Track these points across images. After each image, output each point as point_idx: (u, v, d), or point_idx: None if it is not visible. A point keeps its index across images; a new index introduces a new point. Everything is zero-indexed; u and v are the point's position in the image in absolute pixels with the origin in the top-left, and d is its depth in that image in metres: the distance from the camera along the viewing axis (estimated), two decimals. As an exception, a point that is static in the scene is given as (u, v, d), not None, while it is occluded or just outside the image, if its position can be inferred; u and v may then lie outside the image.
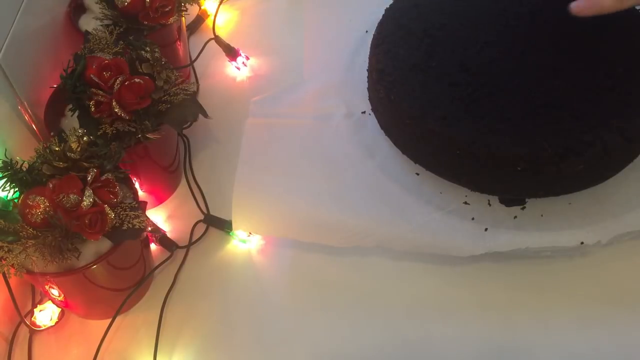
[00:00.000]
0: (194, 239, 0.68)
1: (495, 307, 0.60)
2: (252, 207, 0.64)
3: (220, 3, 0.90)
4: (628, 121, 0.55)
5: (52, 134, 0.63)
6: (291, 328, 0.61)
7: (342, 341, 0.60)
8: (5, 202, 0.55)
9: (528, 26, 0.62)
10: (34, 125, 0.67)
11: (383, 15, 0.68)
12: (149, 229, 0.65)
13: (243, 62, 0.84)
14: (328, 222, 0.62)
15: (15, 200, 0.55)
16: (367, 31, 0.77)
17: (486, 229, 0.59)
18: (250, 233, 0.67)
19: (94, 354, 0.60)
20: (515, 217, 0.60)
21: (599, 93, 0.56)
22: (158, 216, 0.71)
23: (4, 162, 0.55)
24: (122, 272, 0.60)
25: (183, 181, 0.74)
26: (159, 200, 0.72)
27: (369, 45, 0.68)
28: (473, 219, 0.60)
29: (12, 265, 0.53)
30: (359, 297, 0.62)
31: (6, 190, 0.55)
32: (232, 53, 0.83)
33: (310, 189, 0.64)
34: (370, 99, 0.69)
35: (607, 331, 0.57)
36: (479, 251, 0.58)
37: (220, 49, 0.84)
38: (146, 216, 0.58)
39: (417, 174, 0.64)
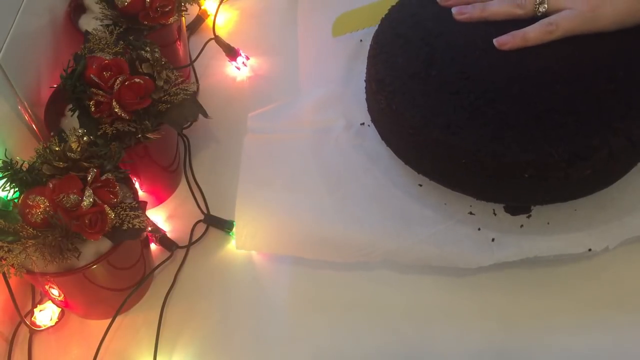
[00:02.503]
0: (194, 239, 0.68)
1: (498, 313, 0.60)
2: (255, 226, 0.63)
3: (220, 3, 0.90)
4: (633, 123, 0.55)
5: (52, 134, 0.63)
6: (291, 328, 0.61)
7: (342, 341, 0.60)
8: (5, 202, 0.55)
9: None
10: (34, 125, 0.67)
11: (379, 25, 0.68)
12: (149, 229, 0.65)
13: (243, 62, 0.84)
14: (332, 238, 0.61)
15: (15, 200, 0.55)
16: (361, 40, 0.77)
17: (493, 239, 0.59)
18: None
19: (94, 354, 0.60)
20: (522, 225, 0.59)
21: (601, 96, 0.56)
22: (158, 216, 0.71)
23: (4, 162, 0.55)
24: (122, 272, 0.60)
25: (183, 181, 0.74)
26: (159, 200, 0.72)
27: (365, 56, 0.67)
28: (479, 229, 0.59)
29: (12, 265, 0.53)
30: (359, 297, 0.62)
31: (6, 190, 0.55)
32: (232, 53, 0.84)
33: (313, 204, 0.63)
34: (369, 109, 0.68)
35: (610, 335, 0.57)
36: (487, 262, 0.58)
37: (220, 49, 0.84)
38: (146, 216, 0.58)
39: (420, 185, 0.63)
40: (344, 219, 0.62)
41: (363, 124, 0.69)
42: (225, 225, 0.68)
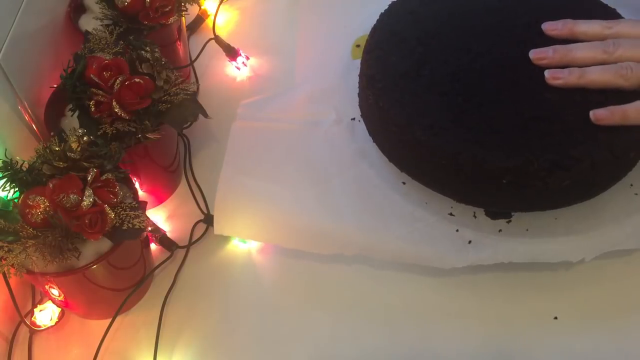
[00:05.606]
0: (194, 239, 0.68)
1: (498, 314, 0.60)
2: (234, 211, 0.64)
3: (220, 3, 0.89)
4: (618, 137, 0.55)
5: (52, 134, 0.63)
6: (291, 328, 0.61)
7: (342, 341, 0.60)
8: (5, 202, 0.55)
9: (523, 39, 0.61)
10: (34, 125, 0.67)
11: (377, 20, 0.68)
12: (149, 229, 0.65)
13: (243, 62, 0.84)
14: (309, 228, 0.61)
15: (15, 200, 0.55)
16: None
17: (470, 242, 0.59)
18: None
19: (94, 354, 0.60)
20: (500, 230, 0.59)
21: (590, 108, 0.55)
22: (158, 216, 0.71)
23: (4, 162, 0.55)
24: (122, 272, 0.60)
25: (183, 181, 0.74)
26: (159, 200, 0.72)
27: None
28: (457, 230, 0.59)
29: (12, 265, 0.53)
30: (360, 298, 0.62)
31: (6, 190, 0.55)
32: (232, 53, 0.83)
33: (294, 194, 0.63)
34: (360, 105, 0.68)
35: (611, 336, 0.57)
36: (461, 264, 0.58)
37: (220, 49, 0.84)
38: (146, 216, 0.58)
39: (404, 183, 0.63)
40: (323, 210, 0.62)
41: (354, 119, 0.69)
42: (225, 225, 0.68)
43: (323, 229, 0.61)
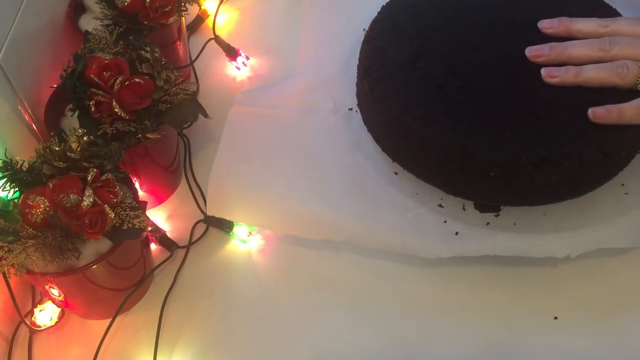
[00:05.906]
0: (194, 239, 0.68)
1: (494, 308, 0.60)
2: (227, 194, 0.64)
3: (220, 3, 0.90)
4: (609, 136, 0.55)
5: (52, 134, 0.63)
6: (291, 328, 0.61)
7: (343, 341, 0.60)
8: (5, 202, 0.55)
9: (523, 35, 0.61)
10: (34, 125, 0.67)
11: (378, 12, 0.68)
12: (149, 229, 0.65)
13: (243, 62, 0.84)
14: (300, 214, 0.62)
15: (15, 200, 0.55)
16: (364, 30, 0.77)
17: (457, 233, 0.59)
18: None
19: (94, 354, 0.60)
20: (488, 223, 0.60)
21: (585, 106, 0.56)
22: (158, 216, 0.71)
23: (4, 162, 0.55)
24: (122, 272, 0.60)
25: (183, 181, 0.74)
26: (159, 200, 0.72)
27: None
28: (445, 222, 0.60)
29: (12, 265, 0.53)
30: (360, 297, 0.62)
31: (6, 190, 0.55)
32: (232, 53, 0.83)
33: (288, 180, 0.64)
34: (357, 94, 0.69)
35: (612, 334, 0.57)
36: (446, 254, 0.58)
37: (220, 49, 0.84)
38: (146, 216, 0.58)
39: (396, 173, 0.63)
40: (314, 196, 0.62)
41: (351, 109, 0.69)
42: (225, 225, 0.68)
43: (312, 215, 0.62)
